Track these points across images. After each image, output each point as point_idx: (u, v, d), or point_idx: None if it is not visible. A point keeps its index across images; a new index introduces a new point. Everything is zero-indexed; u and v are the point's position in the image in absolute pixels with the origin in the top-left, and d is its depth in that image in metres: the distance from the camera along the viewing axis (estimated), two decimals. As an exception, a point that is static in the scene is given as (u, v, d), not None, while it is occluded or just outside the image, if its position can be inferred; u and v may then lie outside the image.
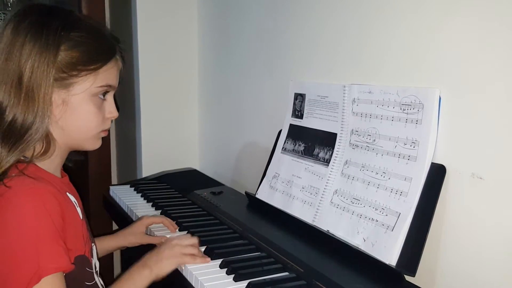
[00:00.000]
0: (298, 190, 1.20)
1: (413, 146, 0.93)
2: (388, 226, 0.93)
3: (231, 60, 1.71)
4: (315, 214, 1.12)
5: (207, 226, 1.17)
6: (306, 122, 1.24)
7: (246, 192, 1.38)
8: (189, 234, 1.09)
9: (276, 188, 1.27)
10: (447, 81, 0.89)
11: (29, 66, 0.79)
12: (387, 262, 0.90)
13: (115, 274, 2.06)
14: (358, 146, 1.07)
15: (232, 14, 1.68)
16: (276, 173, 1.29)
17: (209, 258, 0.97)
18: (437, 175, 0.89)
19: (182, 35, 1.91)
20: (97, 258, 0.97)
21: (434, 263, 0.91)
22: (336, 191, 1.09)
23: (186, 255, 0.96)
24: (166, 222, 1.17)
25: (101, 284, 0.94)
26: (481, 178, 0.84)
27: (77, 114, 0.85)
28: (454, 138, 0.89)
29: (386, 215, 0.95)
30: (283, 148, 1.29)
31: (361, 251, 0.95)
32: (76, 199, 0.90)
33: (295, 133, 1.27)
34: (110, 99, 0.91)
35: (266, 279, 0.89)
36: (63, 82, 0.82)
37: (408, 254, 0.89)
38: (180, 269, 0.97)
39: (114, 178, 2.27)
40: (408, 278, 0.87)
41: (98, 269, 0.96)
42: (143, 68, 1.84)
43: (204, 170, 1.87)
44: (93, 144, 0.90)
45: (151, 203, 1.37)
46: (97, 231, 1.16)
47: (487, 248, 0.83)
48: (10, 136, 0.79)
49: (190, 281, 0.92)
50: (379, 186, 0.98)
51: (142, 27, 1.83)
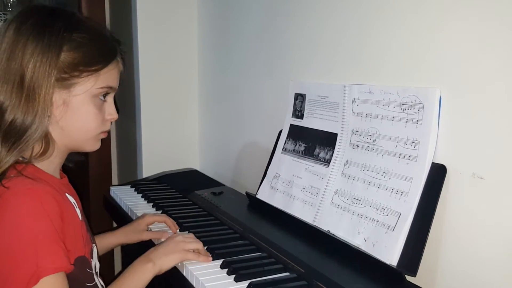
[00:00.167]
0: (298, 190, 1.20)
1: (413, 146, 0.93)
2: (388, 226, 0.93)
3: (231, 60, 1.71)
4: (316, 214, 1.12)
5: (208, 227, 1.17)
6: (306, 122, 1.24)
7: (246, 192, 1.38)
8: (192, 234, 1.08)
9: (276, 188, 1.27)
10: (448, 81, 0.89)
11: (31, 66, 0.79)
12: (388, 262, 0.90)
13: (115, 271, 2.06)
14: (358, 146, 1.07)
15: (232, 14, 1.68)
16: (276, 173, 1.29)
17: (211, 257, 0.97)
18: (437, 175, 0.89)
19: (182, 35, 1.91)
20: (97, 259, 0.97)
21: (435, 263, 0.91)
22: (336, 191, 1.09)
23: (190, 252, 0.97)
24: (168, 221, 1.17)
25: (101, 285, 0.94)
26: (481, 178, 0.84)
27: (77, 114, 0.85)
28: (454, 138, 0.89)
29: (387, 215, 0.95)
30: (284, 148, 1.29)
31: (361, 251, 0.95)
32: (75, 200, 0.90)
33: (296, 133, 1.27)
34: (110, 101, 0.91)
35: (267, 280, 0.89)
36: (65, 83, 0.82)
37: (408, 254, 0.89)
38: (181, 269, 0.97)
39: (115, 179, 2.27)
40: (408, 278, 0.87)
41: (98, 270, 0.96)
42: (143, 68, 1.84)
43: (204, 170, 1.87)
44: (92, 145, 0.91)
45: (152, 204, 1.37)
46: (97, 232, 1.16)
47: (488, 248, 0.83)
48: (10, 136, 0.79)
49: (191, 281, 0.92)
50: (380, 186, 0.98)
51: (142, 27, 1.83)
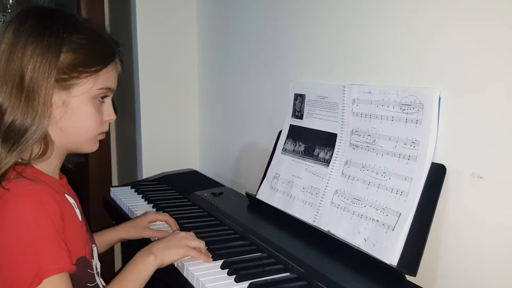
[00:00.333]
0: (298, 190, 1.20)
1: (413, 146, 0.94)
2: (388, 226, 0.94)
3: (231, 60, 1.71)
4: (316, 215, 1.12)
5: (208, 227, 1.17)
6: (306, 123, 1.25)
7: (246, 192, 1.38)
8: (193, 233, 1.07)
9: (276, 188, 1.27)
10: (447, 81, 0.90)
11: (30, 67, 0.79)
12: (388, 262, 0.90)
13: (116, 270, 2.05)
14: (358, 146, 1.07)
15: (231, 15, 1.69)
16: (276, 173, 1.29)
17: (211, 258, 0.97)
18: (437, 175, 0.89)
19: (182, 36, 1.91)
20: (98, 259, 0.97)
21: (435, 263, 0.91)
22: (336, 191, 1.09)
23: (192, 249, 0.97)
24: (170, 221, 1.17)
25: (102, 285, 0.94)
26: (481, 177, 0.84)
27: (76, 115, 0.85)
28: (454, 138, 0.89)
29: (387, 215, 0.95)
30: (283, 148, 1.30)
31: (362, 251, 0.95)
32: (74, 201, 0.90)
33: (295, 133, 1.27)
34: (108, 102, 0.91)
35: (267, 280, 0.89)
36: (64, 84, 0.82)
37: (409, 254, 0.89)
38: (181, 270, 0.97)
39: (115, 179, 2.27)
40: (409, 278, 0.87)
41: (99, 270, 0.96)
42: (143, 68, 1.84)
43: (204, 171, 1.87)
44: (91, 146, 0.91)
45: (152, 204, 1.37)
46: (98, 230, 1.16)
47: (488, 247, 0.84)
48: (10, 137, 0.79)
49: (191, 282, 0.92)
50: (380, 186, 0.99)
51: (141, 28, 1.83)
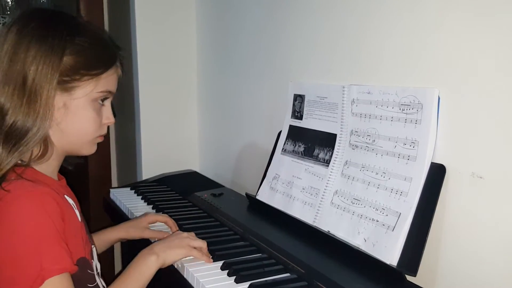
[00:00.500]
0: (298, 191, 1.20)
1: (412, 146, 0.94)
2: (388, 226, 0.94)
3: (230, 61, 1.71)
4: (316, 215, 1.12)
5: (208, 228, 1.17)
6: (305, 123, 1.25)
7: (246, 193, 1.38)
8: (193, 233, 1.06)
9: (276, 189, 1.27)
10: (446, 80, 0.90)
11: (33, 69, 0.79)
12: (388, 262, 0.90)
13: (116, 271, 2.06)
14: (358, 147, 1.07)
15: (230, 16, 1.69)
16: (276, 174, 1.29)
17: (212, 259, 0.97)
18: (437, 175, 0.90)
19: (181, 37, 1.91)
20: (97, 260, 0.97)
21: (435, 263, 0.91)
22: (336, 192, 1.09)
23: (194, 249, 0.97)
24: (169, 222, 1.17)
25: (102, 285, 0.94)
26: (481, 177, 0.84)
27: (77, 118, 0.86)
28: (453, 138, 0.89)
29: (387, 215, 0.95)
30: (283, 149, 1.30)
31: (362, 252, 0.95)
32: (74, 202, 0.90)
33: (295, 134, 1.27)
34: (108, 105, 0.92)
35: (267, 281, 0.89)
36: (66, 86, 0.83)
37: (409, 254, 0.89)
38: (181, 271, 0.97)
39: (114, 181, 2.27)
40: (409, 278, 0.87)
41: (99, 270, 0.96)
42: (142, 70, 1.84)
43: (204, 172, 1.87)
44: (89, 149, 0.92)
45: (152, 206, 1.37)
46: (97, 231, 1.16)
47: (487, 247, 0.84)
48: (11, 138, 0.79)
49: (191, 283, 0.92)
50: (379, 186, 0.99)
51: (140, 29, 1.83)
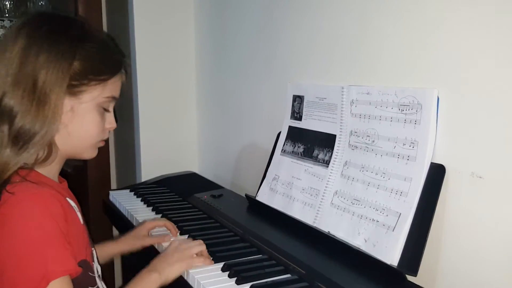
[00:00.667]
0: (298, 191, 1.20)
1: (412, 146, 0.94)
2: (389, 227, 0.94)
3: (229, 61, 1.71)
4: (316, 216, 1.12)
5: (208, 230, 1.17)
6: (305, 124, 1.25)
7: (246, 194, 1.38)
8: (198, 241, 1.03)
9: (276, 190, 1.27)
10: (446, 80, 0.90)
11: (44, 73, 0.80)
12: (389, 262, 0.90)
13: (116, 277, 2.06)
14: (357, 147, 1.07)
15: (228, 16, 1.69)
16: (276, 175, 1.29)
17: (213, 261, 0.97)
18: (436, 175, 0.90)
19: (179, 38, 1.91)
20: (98, 262, 0.97)
21: (435, 262, 0.92)
22: (336, 192, 1.09)
23: (195, 258, 0.97)
24: (168, 225, 1.17)
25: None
26: (480, 177, 0.84)
27: (82, 122, 0.87)
28: (453, 138, 0.89)
29: (387, 216, 0.95)
30: (283, 150, 1.30)
31: (362, 252, 0.95)
32: (75, 204, 0.90)
33: (294, 135, 1.28)
34: (111, 110, 0.93)
35: (268, 282, 0.89)
36: (74, 90, 0.84)
37: (409, 254, 0.89)
38: (182, 273, 0.97)
39: (113, 183, 2.27)
40: (409, 277, 0.87)
41: (100, 273, 0.96)
42: (141, 71, 1.84)
43: (203, 173, 1.87)
44: (91, 153, 0.93)
45: (151, 207, 1.37)
46: (97, 237, 1.15)
47: (487, 246, 0.84)
48: (19, 139, 0.80)
49: (192, 285, 0.92)
50: (379, 187, 0.99)
51: (139, 31, 1.83)
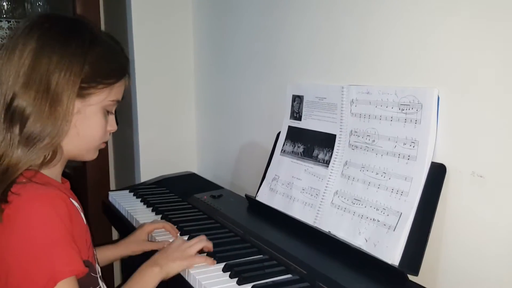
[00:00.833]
0: (298, 191, 1.20)
1: (412, 146, 0.94)
2: (389, 226, 0.94)
3: (228, 62, 1.71)
4: (316, 216, 1.12)
5: (209, 230, 1.17)
6: (304, 124, 1.25)
7: (246, 194, 1.37)
8: (199, 237, 1.05)
9: (276, 190, 1.27)
10: (446, 80, 0.90)
11: (57, 75, 0.81)
12: (390, 262, 0.90)
13: (115, 277, 2.05)
14: (357, 147, 1.07)
15: (227, 16, 1.69)
16: (276, 175, 1.29)
17: (215, 261, 0.98)
18: (437, 174, 0.90)
19: (178, 38, 1.91)
20: (97, 263, 0.97)
21: (436, 262, 0.92)
22: (336, 192, 1.09)
23: (196, 256, 0.98)
24: (167, 226, 1.17)
25: (104, 288, 0.94)
26: (481, 176, 0.84)
27: (88, 124, 0.88)
28: (453, 137, 0.89)
29: (388, 215, 0.95)
30: (282, 150, 1.30)
31: (363, 252, 0.95)
32: (78, 205, 0.91)
33: (294, 135, 1.28)
34: (113, 113, 0.94)
35: (269, 282, 0.89)
36: (83, 92, 0.85)
37: (410, 253, 0.89)
38: (183, 273, 0.96)
39: (112, 183, 2.26)
40: (410, 277, 0.87)
41: (100, 273, 0.96)
42: (139, 72, 1.84)
43: (202, 173, 1.87)
44: (92, 154, 0.94)
45: (151, 208, 1.37)
46: (96, 238, 1.15)
47: (488, 246, 0.84)
48: (30, 140, 0.81)
49: (193, 285, 0.92)
50: (380, 186, 0.99)
51: (137, 31, 1.82)
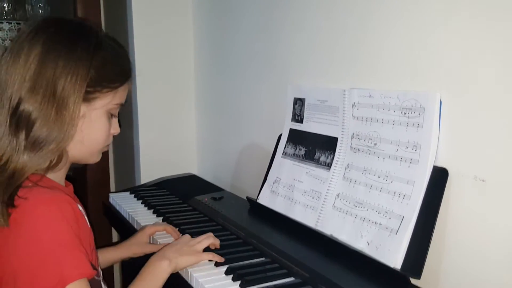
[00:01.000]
0: (300, 194, 1.20)
1: (414, 150, 0.94)
2: (392, 229, 0.94)
3: (228, 63, 1.71)
4: (318, 218, 1.12)
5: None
6: (306, 127, 1.25)
7: (247, 197, 1.38)
8: (206, 234, 1.07)
9: (277, 192, 1.27)
10: (448, 83, 0.90)
11: (63, 79, 0.81)
12: (392, 265, 0.90)
13: (115, 279, 2.05)
14: (359, 150, 1.07)
15: (227, 16, 1.69)
16: (277, 177, 1.29)
17: (223, 258, 0.99)
18: (439, 178, 0.90)
19: (178, 39, 1.91)
20: (99, 266, 0.97)
21: (438, 265, 0.92)
22: (338, 195, 1.10)
23: (203, 253, 0.99)
24: (168, 229, 1.17)
25: (106, 290, 0.94)
26: (483, 180, 0.84)
27: (93, 127, 0.88)
28: (456, 141, 0.89)
29: (390, 219, 0.95)
30: (284, 152, 1.30)
31: (365, 255, 0.96)
32: (82, 209, 0.91)
33: (295, 137, 1.28)
34: (116, 116, 0.95)
35: (272, 285, 0.89)
36: (88, 96, 0.85)
37: (412, 257, 0.90)
38: (185, 276, 0.97)
39: (112, 184, 2.26)
40: (412, 280, 0.87)
41: (102, 276, 0.96)
42: (140, 73, 1.83)
43: (202, 175, 1.87)
44: (96, 158, 0.95)
45: (152, 210, 1.36)
46: (96, 239, 1.15)
47: (490, 250, 0.84)
48: (37, 144, 0.81)
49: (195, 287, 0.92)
50: (382, 190, 0.99)
51: (137, 31, 1.82)
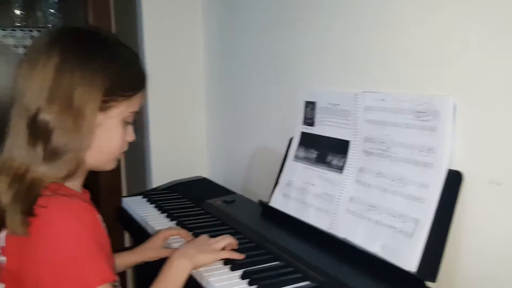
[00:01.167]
0: (312, 197, 1.21)
1: (429, 153, 0.94)
2: (406, 233, 0.94)
3: (238, 65, 1.71)
4: (331, 222, 1.13)
5: (224, 236, 1.18)
6: (317, 130, 1.25)
7: (260, 200, 1.38)
8: (225, 235, 1.08)
9: (290, 196, 1.28)
10: (462, 86, 0.90)
11: (80, 90, 0.82)
12: (407, 269, 0.90)
13: (128, 284, 2.06)
14: (372, 154, 1.07)
15: (238, 20, 1.69)
16: (289, 181, 1.30)
17: (243, 254, 1.00)
18: (454, 182, 0.90)
19: (188, 43, 1.91)
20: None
21: (453, 268, 0.92)
22: (351, 198, 1.10)
23: (222, 251, 1.01)
24: (182, 233, 1.18)
25: (122, 296, 0.95)
26: (499, 183, 0.84)
27: (109, 135, 0.89)
28: (471, 144, 0.89)
29: (404, 222, 0.95)
30: (295, 155, 1.30)
31: (380, 258, 0.96)
32: (99, 216, 0.92)
33: (307, 141, 1.28)
34: (131, 124, 0.95)
35: (288, 289, 0.90)
36: (104, 105, 0.86)
37: (428, 260, 0.89)
38: (200, 280, 0.97)
39: (124, 188, 2.28)
40: (427, 283, 0.87)
41: (119, 282, 0.97)
42: (151, 78, 1.83)
43: (213, 178, 1.87)
44: (112, 165, 0.96)
45: (166, 214, 1.37)
46: (113, 248, 1.16)
47: (506, 253, 0.84)
48: (54, 153, 0.82)
49: (211, 292, 0.93)
50: (396, 193, 0.99)
51: (148, 35, 1.83)
